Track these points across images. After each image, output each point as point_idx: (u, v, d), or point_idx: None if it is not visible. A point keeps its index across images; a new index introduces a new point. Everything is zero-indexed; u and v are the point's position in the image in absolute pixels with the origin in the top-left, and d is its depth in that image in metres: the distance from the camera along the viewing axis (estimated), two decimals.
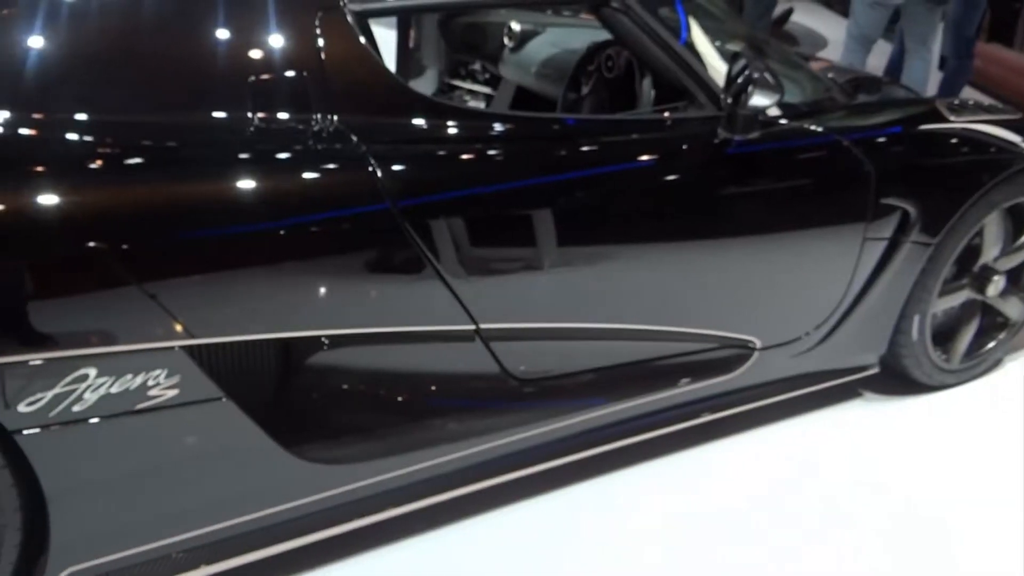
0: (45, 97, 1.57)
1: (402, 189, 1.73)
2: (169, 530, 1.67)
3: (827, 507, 2.19)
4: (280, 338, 1.69)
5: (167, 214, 1.55)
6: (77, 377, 1.46)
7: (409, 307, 1.81)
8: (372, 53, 1.84)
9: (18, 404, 1.43)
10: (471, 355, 1.92)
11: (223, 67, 1.71)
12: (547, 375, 2.07)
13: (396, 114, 1.83)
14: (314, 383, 1.78)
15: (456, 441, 1.94)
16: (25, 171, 1.48)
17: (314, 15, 1.77)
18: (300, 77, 1.73)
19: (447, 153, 1.87)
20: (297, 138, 1.70)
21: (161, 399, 1.55)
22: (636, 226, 2.07)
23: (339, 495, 1.82)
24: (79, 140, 1.56)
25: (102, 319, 1.49)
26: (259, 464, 1.71)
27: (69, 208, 1.46)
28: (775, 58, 2.48)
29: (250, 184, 1.62)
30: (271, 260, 1.63)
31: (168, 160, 1.61)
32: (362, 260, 1.73)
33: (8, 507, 1.49)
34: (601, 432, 2.15)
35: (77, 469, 1.53)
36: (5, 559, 1.52)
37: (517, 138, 1.98)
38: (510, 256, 1.93)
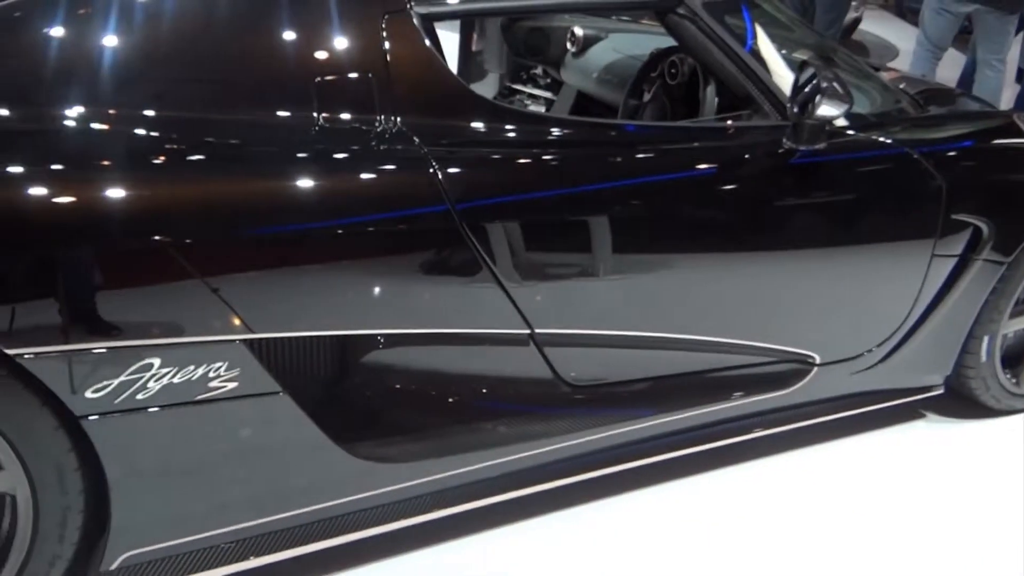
0: (117, 93, 1.62)
1: (462, 191, 1.73)
2: (221, 520, 1.70)
3: (879, 530, 2.13)
4: (337, 335, 1.71)
5: (229, 210, 1.58)
6: (142, 366, 1.50)
7: (464, 309, 1.81)
8: (436, 56, 1.85)
9: (85, 390, 1.47)
10: (524, 359, 1.92)
11: (290, 67, 1.74)
12: (599, 382, 2.06)
13: (458, 117, 1.84)
14: (368, 381, 1.80)
15: (505, 445, 1.94)
16: (95, 165, 1.52)
17: (380, 17, 1.79)
18: (365, 78, 1.75)
19: (507, 157, 1.87)
20: (360, 139, 1.72)
21: (221, 391, 1.58)
22: (695, 235, 2.04)
23: (388, 493, 1.83)
24: (147, 135, 1.60)
25: (167, 311, 1.53)
26: (312, 459, 1.73)
27: (136, 202, 1.50)
28: (844, 67, 2.43)
29: (312, 183, 1.65)
30: (331, 258, 1.65)
31: (231, 157, 1.64)
32: (420, 261, 1.74)
33: (72, 490, 1.54)
34: (651, 443, 2.13)
35: (138, 456, 1.57)
36: (68, 540, 1.57)
37: (577, 143, 1.98)
38: (567, 262, 1.93)
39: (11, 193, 1.43)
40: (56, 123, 1.57)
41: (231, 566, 1.71)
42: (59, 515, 1.54)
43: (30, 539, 1.54)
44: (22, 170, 1.46)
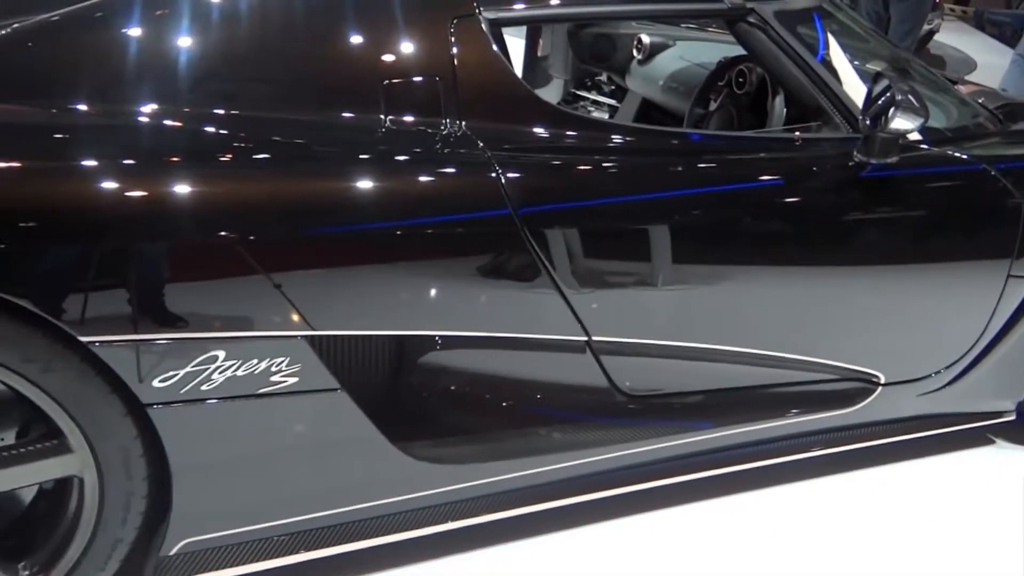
0: (190, 92, 1.67)
1: (524, 196, 1.74)
2: (276, 513, 1.73)
3: (939, 559, 2.06)
4: (395, 335, 1.73)
5: (293, 208, 1.60)
6: (207, 358, 1.54)
7: (523, 314, 1.81)
8: (503, 61, 1.86)
9: (153, 379, 1.51)
10: (580, 367, 1.91)
11: (358, 69, 1.77)
12: (655, 393, 2.04)
13: (523, 122, 1.84)
14: (425, 382, 1.81)
15: (558, 452, 1.93)
16: (167, 161, 1.56)
17: (449, 21, 1.80)
18: (432, 82, 1.77)
19: (571, 163, 1.87)
20: (425, 141, 1.74)
21: (282, 386, 1.61)
22: (758, 247, 2.01)
23: (439, 495, 1.84)
24: (216, 133, 1.64)
25: (232, 305, 1.56)
26: (367, 457, 1.75)
27: (204, 197, 1.53)
28: (920, 80, 2.36)
29: (376, 184, 1.66)
30: (392, 258, 1.67)
31: (297, 156, 1.67)
32: (481, 264, 1.75)
33: (137, 475, 1.58)
34: (705, 457, 2.10)
35: (200, 446, 1.61)
36: (130, 524, 1.61)
37: (640, 151, 1.96)
38: (626, 270, 1.91)
39: (88, 186, 1.49)
40: (131, 119, 1.62)
41: (281, 559, 1.73)
42: (123, 499, 1.59)
43: (95, 521, 1.58)
44: (98, 164, 1.51)
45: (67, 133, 1.60)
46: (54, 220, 1.45)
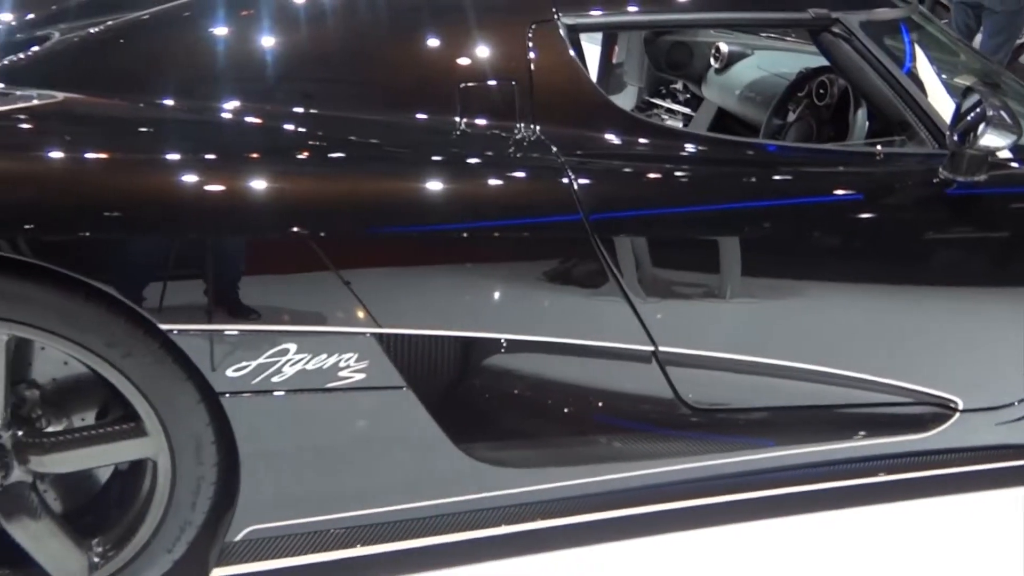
0: (270, 90, 1.71)
1: (596, 202, 1.73)
2: (336, 506, 1.75)
3: None
4: (461, 336, 1.74)
5: (364, 207, 1.63)
6: (279, 351, 1.57)
7: (590, 321, 1.80)
8: (580, 66, 1.86)
9: (226, 369, 1.55)
10: (645, 377, 1.90)
11: (435, 72, 1.79)
12: (719, 407, 2.01)
13: (597, 128, 1.84)
14: (488, 384, 1.82)
15: (617, 461, 1.91)
16: (245, 157, 1.60)
17: (527, 26, 1.81)
18: (508, 86, 1.78)
19: (644, 170, 1.85)
20: (499, 145, 1.75)
21: (349, 381, 1.63)
22: (834, 263, 1.96)
23: (497, 497, 1.84)
24: (294, 131, 1.68)
25: (304, 300, 1.59)
26: (428, 456, 1.76)
27: (278, 194, 1.57)
28: (1012, 95, 2.27)
29: (447, 186, 1.68)
30: (461, 260, 1.68)
31: (370, 156, 1.69)
32: (549, 268, 1.75)
33: (207, 461, 1.63)
34: (768, 475, 2.05)
35: (268, 436, 1.65)
36: (199, 508, 1.66)
37: (715, 161, 1.94)
38: (696, 281, 1.89)
39: (170, 179, 1.53)
40: (214, 116, 1.67)
41: (337, 552, 1.76)
42: (193, 484, 1.63)
43: (166, 503, 1.63)
44: (181, 158, 1.55)
45: (153, 127, 1.65)
46: (138, 211, 1.50)
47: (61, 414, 1.66)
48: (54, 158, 1.50)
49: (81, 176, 1.50)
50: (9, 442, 1.57)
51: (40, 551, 1.62)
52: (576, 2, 1.87)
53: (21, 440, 1.58)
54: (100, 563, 1.66)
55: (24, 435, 1.58)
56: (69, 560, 1.64)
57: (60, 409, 1.65)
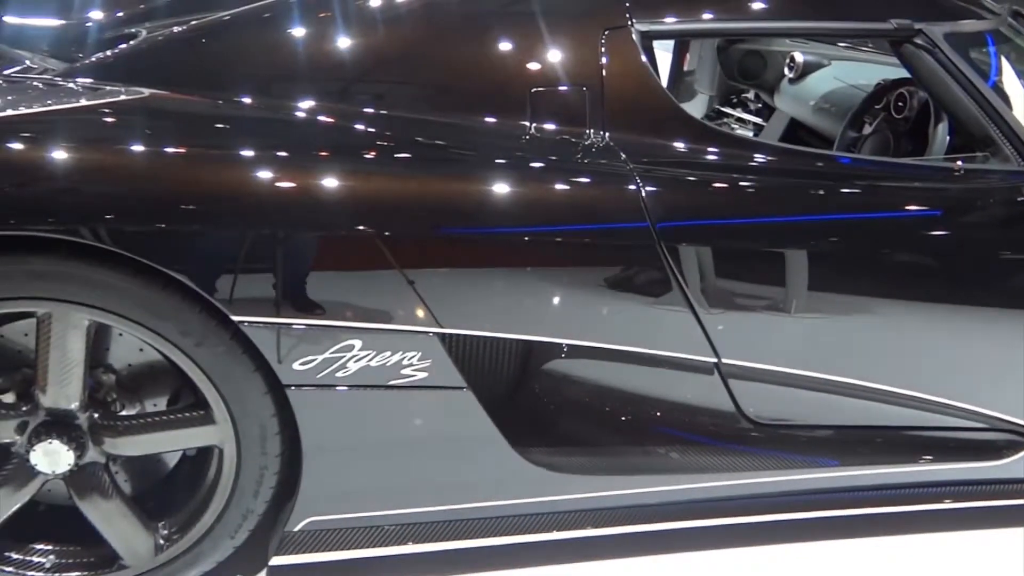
0: (343, 91, 1.74)
1: (663, 210, 1.71)
2: (393, 502, 1.77)
3: None
4: (522, 339, 1.74)
5: (429, 207, 1.64)
6: (344, 347, 1.60)
7: (652, 329, 1.79)
8: (652, 74, 1.84)
9: (293, 362, 1.59)
10: (706, 389, 1.87)
11: (506, 76, 1.80)
12: (781, 423, 1.97)
13: (667, 136, 1.83)
14: (548, 388, 1.82)
15: (674, 473, 1.89)
16: (316, 155, 1.64)
17: (600, 32, 1.81)
18: (579, 92, 1.78)
19: (713, 179, 1.83)
20: (567, 150, 1.75)
21: (411, 379, 1.65)
22: (907, 281, 1.90)
23: (551, 503, 1.84)
24: (364, 131, 1.71)
25: (369, 297, 1.61)
26: (486, 457, 1.77)
27: (346, 192, 1.59)
28: None
29: (513, 189, 1.68)
30: (525, 263, 1.68)
31: (436, 157, 1.71)
32: (614, 275, 1.74)
33: (271, 452, 1.66)
34: (829, 495, 2.00)
35: (330, 430, 1.67)
36: (261, 497, 1.70)
37: (786, 172, 1.90)
38: (763, 294, 1.85)
39: (244, 174, 1.57)
40: (289, 114, 1.71)
41: (389, 548, 1.78)
42: (257, 473, 1.67)
43: (230, 491, 1.68)
44: (255, 154, 1.59)
45: (229, 124, 1.70)
46: (213, 204, 1.54)
47: (135, 399, 1.72)
48: (136, 151, 1.55)
49: (160, 169, 1.55)
50: (85, 423, 1.63)
51: (110, 530, 1.68)
52: (651, 9, 1.86)
53: (96, 422, 1.64)
54: (165, 545, 1.71)
55: (100, 417, 1.65)
56: (136, 540, 1.69)
57: (134, 394, 1.72)
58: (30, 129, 1.53)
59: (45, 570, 1.71)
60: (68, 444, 1.60)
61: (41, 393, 1.59)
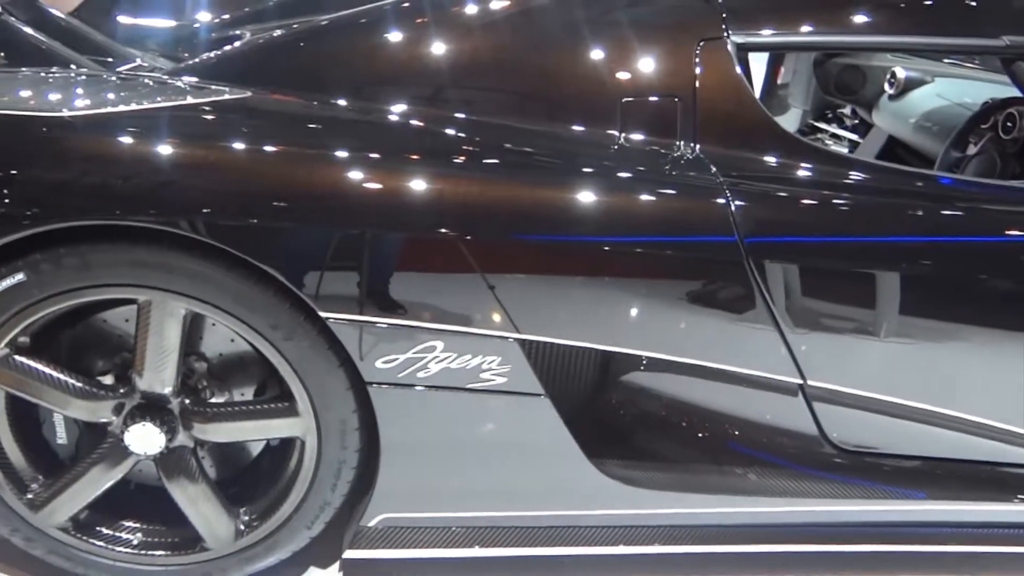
0: (434, 96, 1.77)
1: (753, 225, 1.68)
2: (464, 505, 1.79)
3: None
4: (602, 350, 1.72)
5: (510, 213, 1.64)
6: (427, 347, 1.62)
7: (736, 346, 1.75)
8: (747, 86, 1.81)
9: (376, 360, 1.62)
10: (789, 410, 1.82)
11: (598, 85, 1.79)
12: (867, 450, 1.90)
13: (760, 149, 1.79)
14: (626, 400, 1.80)
15: (752, 495, 1.85)
16: (405, 157, 1.66)
17: (695, 43, 1.79)
18: (671, 103, 1.76)
19: (805, 196, 1.78)
20: (656, 161, 1.73)
21: (490, 384, 1.66)
22: (1006, 309, 1.82)
23: (623, 516, 1.82)
24: (453, 136, 1.73)
25: (451, 300, 1.63)
26: (560, 466, 1.76)
27: (433, 195, 1.61)
28: None
29: (599, 198, 1.67)
30: (608, 273, 1.67)
31: (522, 164, 1.72)
32: (697, 289, 1.71)
33: (350, 446, 1.70)
34: (916, 529, 1.92)
35: (409, 429, 1.70)
36: (339, 491, 1.73)
37: (882, 191, 1.84)
38: (853, 316, 1.79)
39: (335, 173, 1.61)
40: (381, 116, 1.74)
41: (454, 550, 1.79)
42: (336, 467, 1.70)
43: (309, 482, 1.71)
44: (347, 155, 1.63)
45: (323, 124, 1.74)
46: (304, 202, 1.58)
47: (224, 387, 1.78)
48: (234, 149, 1.61)
49: (256, 166, 1.60)
50: (177, 408, 1.69)
51: (194, 512, 1.74)
52: (748, 21, 1.83)
53: (187, 408, 1.70)
54: (245, 531, 1.76)
55: (191, 403, 1.71)
56: (219, 524, 1.75)
57: (223, 383, 1.78)
58: (138, 124, 1.60)
59: (132, 547, 1.79)
60: (160, 427, 1.66)
61: (138, 377, 1.66)
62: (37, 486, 1.73)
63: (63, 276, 1.56)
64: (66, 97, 1.65)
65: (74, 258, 1.55)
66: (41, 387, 1.65)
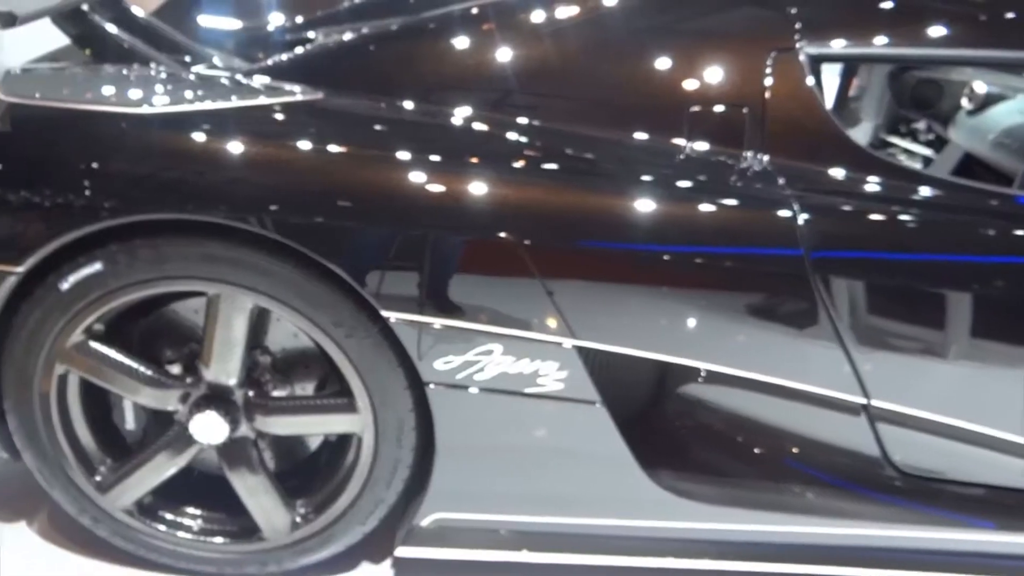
0: (498, 101, 1.78)
1: (820, 239, 1.65)
2: (513, 508, 1.79)
3: None
4: (661, 360, 1.71)
5: (568, 219, 1.64)
6: (485, 350, 1.63)
7: (798, 362, 1.72)
8: (818, 98, 1.78)
9: (435, 360, 1.63)
10: (851, 430, 1.78)
11: (666, 94, 1.78)
12: (931, 475, 1.85)
13: (830, 163, 1.75)
14: (682, 412, 1.79)
15: (808, 515, 1.81)
16: (466, 161, 1.68)
17: (767, 54, 1.76)
18: (740, 114, 1.74)
19: (875, 211, 1.74)
20: (722, 171, 1.71)
21: (546, 389, 1.66)
22: None
23: (674, 529, 1.80)
24: (515, 140, 1.74)
25: (510, 304, 1.64)
26: (613, 475, 1.75)
27: (490, 198, 1.62)
28: None
29: (661, 207, 1.66)
30: (668, 283, 1.66)
31: (582, 170, 1.71)
32: (759, 302, 1.69)
33: (406, 445, 1.72)
34: (982, 560, 1.85)
35: (464, 430, 1.71)
36: (393, 488, 1.75)
37: (955, 208, 1.78)
38: (920, 336, 1.74)
39: (398, 175, 1.63)
40: (445, 120, 1.76)
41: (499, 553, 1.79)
42: (391, 465, 1.73)
43: (365, 479, 1.74)
44: (410, 156, 1.65)
45: (389, 126, 1.77)
46: (368, 201, 1.61)
47: (286, 381, 1.82)
48: (303, 148, 1.64)
49: (323, 165, 1.63)
50: (240, 399, 1.74)
51: (253, 502, 1.78)
52: (822, 32, 1.80)
53: (250, 400, 1.75)
54: (301, 524, 1.79)
55: (254, 396, 1.75)
56: (276, 515, 1.79)
57: (285, 377, 1.81)
58: (213, 122, 1.65)
59: (193, 532, 1.84)
60: (224, 417, 1.71)
61: (204, 367, 1.71)
62: (105, 469, 1.80)
63: (138, 267, 1.62)
64: (146, 94, 1.70)
65: (149, 250, 1.60)
66: (113, 374, 1.71)
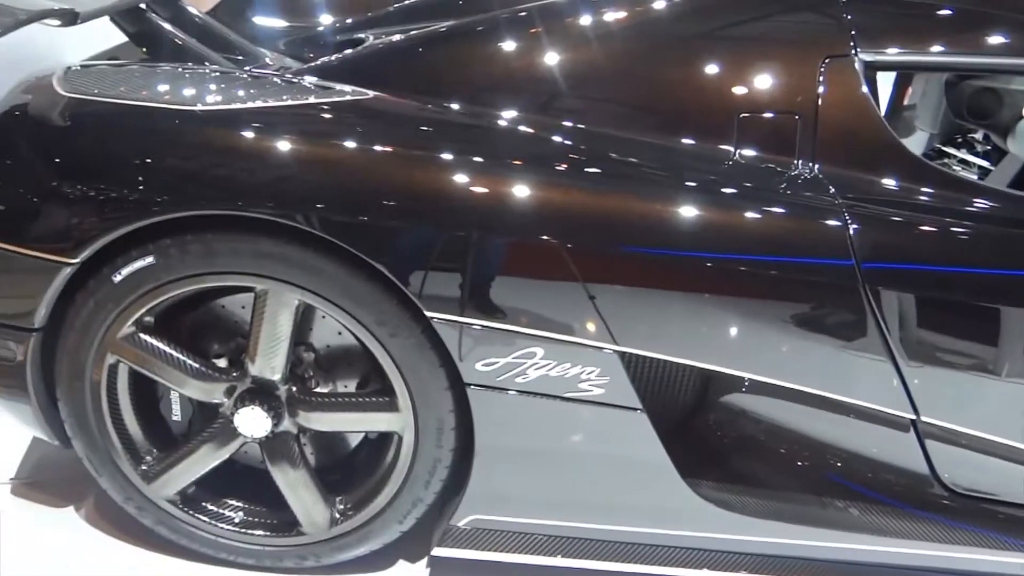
0: (545, 104, 1.78)
1: (872, 250, 1.62)
2: (551, 513, 1.78)
3: None
4: (704, 368, 1.69)
5: (610, 223, 1.63)
6: (527, 353, 1.63)
7: (846, 375, 1.69)
8: (873, 106, 1.74)
9: (476, 362, 1.63)
10: (899, 446, 1.74)
11: (716, 100, 1.76)
12: (981, 494, 1.80)
13: (883, 173, 1.72)
14: (724, 422, 1.77)
15: (851, 531, 1.78)
16: (510, 163, 1.67)
17: (820, 60, 1.73)
18: (791, 120, 1.71)
19: (930, 222, 1.70)
20: (771, 179, 1.69)
21: (588, 394, 1.65)
22: None
23: (712, 540, 1.78)
24: (560, 143, 1.73)
25: (553, 307, 1.63)
26: (652, 483, 1.74)
27: (533, 200, 1.62)
28: None
29: (707, 213, 1.64)
30: (714, 290, 1.64)
31: (624, 174, 1.70)
32: (807, 312, 1.66)
33: (446, 445, 1.72)
34: None
35: (504, 433, 1.71)
36: (432, 488, 1.76)
37: (1012, 221, 1.74)
38: (973, 352, 1.70)
39: (443, 176, 1.63)
40: (491, 122, 1.76)
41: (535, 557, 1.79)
42: (430, 464, 1.73)
43: (404, 477, 1.75)
44: (454, 157, 1.65)
45: (436, 128, 1.77)
46: (413, 202, 1.61)
47: (329, 378, 1.83)
48: (351, 147, 1.66)
49: (370, 165, 1.64)
50: (284, 395, 1.76)
51: (293, 497, 1.80)
52: (878, 39, 1.76)
53: (294, 395, 1.77)
54: (340, 520, 1.81)
55: (297, 391, 1.77)
56: (316, 510, 1.80)
57: (329, 374, 1.83)
58: (264, 121, 1.67)
59: (234, 524, 1.87)
60: (268, 412, 1.73)
61: (250, 362, 1.73)
62: (151, 459, 1.83)
63: (188, 262, 1.64)
64: (199, 92, 1.73)
65: (199, 245, 1.63)
66: (162, 365, 1.75)
